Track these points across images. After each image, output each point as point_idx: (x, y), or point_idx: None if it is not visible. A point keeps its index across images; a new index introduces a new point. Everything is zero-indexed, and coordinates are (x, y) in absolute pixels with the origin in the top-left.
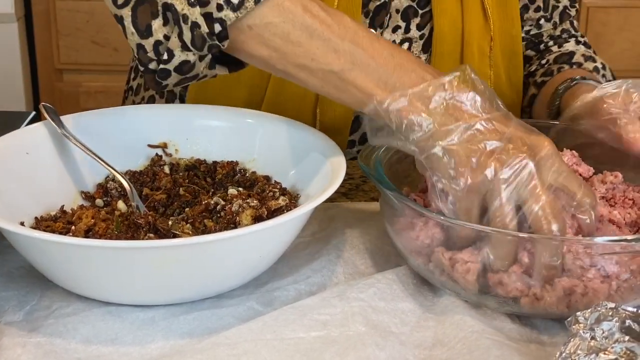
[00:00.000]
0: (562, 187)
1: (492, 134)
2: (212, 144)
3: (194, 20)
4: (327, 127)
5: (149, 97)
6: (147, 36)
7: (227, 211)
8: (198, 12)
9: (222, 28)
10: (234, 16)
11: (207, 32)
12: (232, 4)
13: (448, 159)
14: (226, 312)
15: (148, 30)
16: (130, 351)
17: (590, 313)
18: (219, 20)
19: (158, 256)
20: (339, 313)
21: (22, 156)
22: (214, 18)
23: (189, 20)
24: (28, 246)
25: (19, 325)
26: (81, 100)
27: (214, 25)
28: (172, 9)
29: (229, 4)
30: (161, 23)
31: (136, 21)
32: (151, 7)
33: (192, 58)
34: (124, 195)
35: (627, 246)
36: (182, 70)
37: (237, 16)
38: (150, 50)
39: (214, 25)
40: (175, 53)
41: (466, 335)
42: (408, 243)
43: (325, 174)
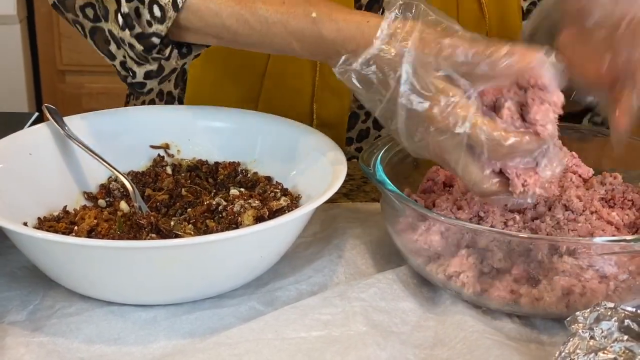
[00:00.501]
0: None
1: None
2: (214, 144)
3: (129, 42)
4: (324, 123)
5: (149, 100)
6: (112, 59)
7: (228, 212)
8: (129, 35)
9: (160, 39)
10: (165, 27)
11: (142, 50)
12: (157, 18)
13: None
14: (228, 312)
15: (110, 54)
16: (132, 351)
17: (590, 313)
18: (153, 34)
19: (160, 256)
20: (340, 313)
21: (25, 157)
22: (146, 35)
23: (126, 42)
24: (31, 246)
25: (22, 325)
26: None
27: (151, 40)
28: (112, 34)
29: (155, 19)
30: (115, 47)
31: (99, 48)
32: (102, 35)
33: (154, 66)
34: (127, 196)
35: (626, 246)
36: (152, 76)
37: (167, 26)
38: (121, 70)
39: (150, 40)
40: (134, 69)
41: (466, 335)
42: (408, 243)
43: (326, 174)
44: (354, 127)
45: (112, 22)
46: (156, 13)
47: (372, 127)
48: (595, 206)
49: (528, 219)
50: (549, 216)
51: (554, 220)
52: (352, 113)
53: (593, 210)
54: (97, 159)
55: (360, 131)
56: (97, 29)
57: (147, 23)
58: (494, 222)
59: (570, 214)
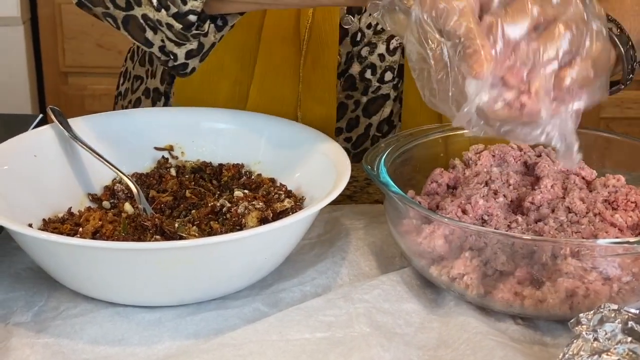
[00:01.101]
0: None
1: None
2: (217, 146)
3: (167, 22)
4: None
5: (135, 99)
6: (150, 46)
7: (232, 213)
8: (165, 15)
9: (196, 15)
10: (200, 3)
11: (181, 28)
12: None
13: None
14: (232, 313)
15: (147, 41)
16: (137, 352)
17: (593, 314)
18: (190, 12)
19: (164, 258)
20: (343, 314)
21: (30, 158)
22: (182, 13)
23: (163, 23)
24: (36, 247)
25: (27, 326)
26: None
27: (188, 18)
28: (148, 18)
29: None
30: (152, 33)
31: (135, 37)
32: (136, 22)
33: (194, 44)
34: (131, 198)
35: (630, 248)
36: (193, 55)
37: (202, 1)
38: (160, 55)
39: (187, 18)
40: (175, 51)
41: (470, 336)
42: (412, 245)
43: (330, 176)
44: (343, 117)
45: (146, 5)
46: None
47: (361, 115)
48: (599, 208)
49: (531, 221)
50: (552, 218)
51: (557, 223)
52: (340, 103)
53: (596, 212)
54: (102, 161)
55: (349, 120)
56: (130, 17)
57: (181, 1)
58: (498, 225)
59: (573, 216)
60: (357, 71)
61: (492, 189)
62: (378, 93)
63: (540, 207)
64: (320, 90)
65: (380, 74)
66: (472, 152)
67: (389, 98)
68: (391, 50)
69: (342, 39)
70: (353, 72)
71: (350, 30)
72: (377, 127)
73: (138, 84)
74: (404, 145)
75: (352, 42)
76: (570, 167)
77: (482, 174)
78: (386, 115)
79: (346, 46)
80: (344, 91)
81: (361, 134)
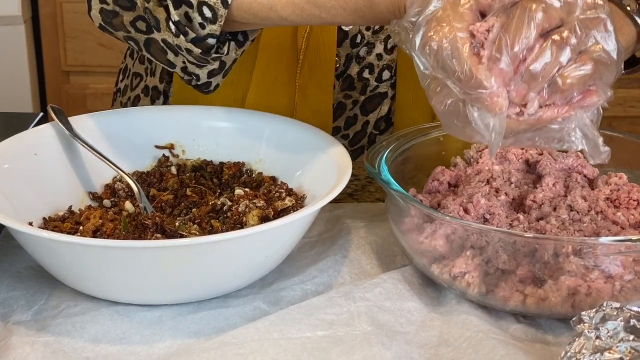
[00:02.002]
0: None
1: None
2: (218, 144)
3: (186, 47)
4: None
5: (134, 96)
6: (172, 67)
7: (233, 212)
8: (184, 41)
9: (215, 39)
10: (218, 27)
11: (200, 52)
12: (209, 19)
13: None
14: (233, 311)
15: (169, 63)
16: (137, 350)
17: (595, 313)
18: (208, 36)
19: (165, 256)
20: (345, 312)
21: (31, 157)
22: (201, 37)
23: (183, 48)
24: (36, 246)
25: (27, 325)
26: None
27: (207, 42)
28: (168, 43)
29: (207, 20)
30: (173, 55)
31: (158, 59)
32: (157, 45)
33: (215, 65)
34: (132, 196)
35: (632, 246)
36: (215, 74)
37: (220, 24)
38: (183, 75)
39: (206, 42)
40: (197, 72)
41: (472, 334)
42: (413, 244)
43: (331, 174)
44: (341, 116)
45: (165, 30)
46: (207, 14)
47: (359, 113)
48: (601, 206)
49: (533, 219)
50: (554, 217)
51: (559, 221)
52: (338, 103)
53: (598, 211)
54: (102, 159)
55: (347, 118)
56: (151, 40)
57: (199, 26)
58: (500, 223)
59: (575, 214)
60: (355, 72)
61: (494, 187)
62: (376, 91)
63: (542, 205)
64: (316, 99)
65: (378, 73)
66: (473, 150)
67: (387, 96)
68: (389, 49)
69: (341, 41)
70: (351, 73)
71: (350, 32)
72: (375, 125)
73: (137, 81)
74: (405, 143)
75: (352, 44)
76: (602, 162)
77: (483, 172)
78: (384, 113)
79: (345, 48)
80: (342, 91)
81: (358, 131)
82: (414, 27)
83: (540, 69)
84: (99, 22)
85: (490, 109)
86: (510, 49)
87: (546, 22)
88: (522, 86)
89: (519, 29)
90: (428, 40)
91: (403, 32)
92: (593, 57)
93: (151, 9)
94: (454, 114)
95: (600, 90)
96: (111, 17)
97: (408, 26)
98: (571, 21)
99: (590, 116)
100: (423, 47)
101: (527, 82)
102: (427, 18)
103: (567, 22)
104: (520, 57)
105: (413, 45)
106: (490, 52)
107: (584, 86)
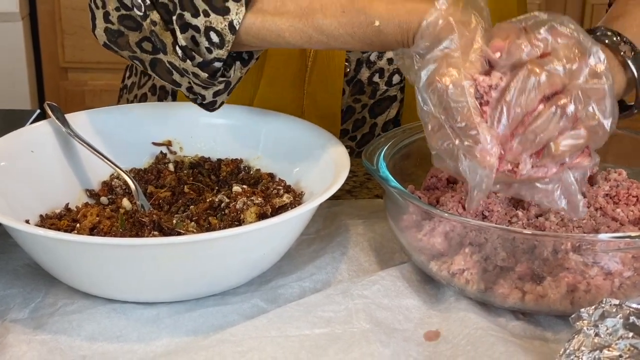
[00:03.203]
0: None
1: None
2: (216, 141)
3: (192, 71)
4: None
5: (141, 94)
6: (178, 86)
7: (231, 209)
8: (190, 65)
9: (222, 62)
10: (225, 51)
11: (207, 77)
12: (216, 44)
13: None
14: (231, 309)
15: (175, 82)
16: (135, 348)
17: (594, 310)
18: (215, 60)
19: (162, 253)
20: (343, 310)
21: (27, 154)
22: (208, 62)
23: (189, 72)
24: (33, 244)
25: (24, 323)
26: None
27: (214, 65)
28: (174, 65)
29: (214, 44)
30: (179, 76)
31: (163, 78)
32: (163, 66)
33: (220, 86)
34: (129, 193)
35: (631, 243)
36: (220, 93)
37: (227, 49)
38: (189, 94)
39: (213, 65)
40: (202, 93)
41: (470, 331)
42: (412, 241)
43: (329, 171)
44: (350, 119)
45: (171, 54)
46: (214, 39)
47: (368, 116)
48: (600, 203)
49: (532, 216)
50: (553, 213)
51: (558, 218)
52: (347, 107)
53: (597, 207)
54: (99, 157)
55: (356, 121)
56: (157, 60)
57: (206, 50)
58: (498, 220)
59: None
60: (366, 76)
61: None
62: (385, 95)
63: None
64: (325, 104)
65: (388, 77)
66: None
67: (396, 100)
68: None
69: None
70: (362, 78)
71: None
72: (383, 127)
73: (145, 79)
74: (404, 139)
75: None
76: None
77: None
78: (392, 116)
79: (356, 53)
80: (351, 96)
81: (366, 133)
82: (422, 61)
83: (537, 135)
84: (104, 40)
85: (479, 163)
86: (512, 112)
87: (548, 88)
88: (517, 148)
89: (522, 93)
90: (434, 80)
91: (408, 59)
92: (588, 126)
93: (158, 33)
94: (447, 154)
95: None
96: (116, 36)
97: (414, 56)
98: (573, 88)
99: (577, 175)
100: (428, 86)
101: (522, 145)
102: (436, 56)
103: (568, 88)
104: (520, 119)
105: (418, 79)
106: (492, 111)
107: (576, 154)
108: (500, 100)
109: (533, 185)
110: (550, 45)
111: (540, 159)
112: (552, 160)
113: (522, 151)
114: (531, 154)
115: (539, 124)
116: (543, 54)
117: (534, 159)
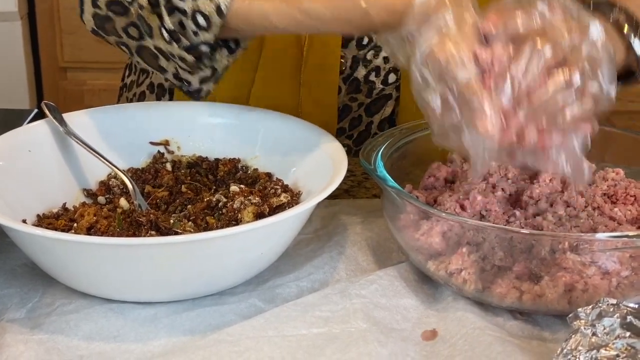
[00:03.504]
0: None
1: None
2: (214, 141)
3: (179, 54)
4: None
5: (140, 93)
6: (164, 72)
7: (228, 208)
8: (177, 48)
9: (209, 47)
10: (212, 35)
11: (193, 60)
12: (203, 27)
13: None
14: (228, 309)
15: (161, 68)
16: (132, 348)
17: (592, 309)
18: (202, 43)
19: (159, 253)
20: (340, 310)
21: (24, 154)
22: (194, 45)
23: (175, 55)
24: (30, 244)
25: (21, 323)
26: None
27: (200, 49)
28: (160, 49)
29: (200, 28)
30: (165, 60)
31: (149, 64)
32: (149, 51)
33: (207, 72)
34: (126, 193)
35: (629, 242)
36: (209, 79)
37: (214, 33)
38: (175, 81)
39: (199, 49)
40: (189, 79)
41: (468, 331)
42: (410, 240)
43: (326, 171)
44: (346, 118)
45: (158, 37)
46: (201, 22)
47: (364, 114)
48: (598, 202)
49: (530, 215)
50: (551, 213)
51: (555, 217)
52: (344, 105)
53: (595, 206)
54: (97, 156)
55: (352, 120)
56: (142, 46)
57: (193, 34)
58: (496, 219)
59: (572, 210)
60: (362, 75)
61: (491, 183)
62: (381, 94)
63: (539, 201)
64: (322, 94)
65: (384, 76)
66: None
67: (391, 98)
68: None
69: (347, 43)
70: (358, 76)
71: None
72: (378, 126)
73: (144, 77)
74: (402, 139)
75: (358, 46)
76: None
77: None
78: (387, 114)
79: (352, 50)
80: (348, 94)
81: (362, 131)
82: (414, 40)
83: (545, 106)
84: (92, 26)
85: (482, 132)
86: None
87: (552, 59)
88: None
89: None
90: (433, 54)
91: (394, 40)
92: (593, 94)
93: (145, 16)
94: (451, 128)
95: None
96: (104, 22)
97: (406, 37)
98: (577, 59)
99: (578, 143)
100: (426, 60)
101: (529, 116)
102: (433, 32)
103: (572, 60)
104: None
105: (413, 56)
106: (495, 83)
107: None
108: (503, 72)
109: (538, 153)
110: (547, 19)
111: (547, 129)
112: (557, 129)
113: (529, 122)
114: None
115: (547, 96)
116: (541, 28)
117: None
